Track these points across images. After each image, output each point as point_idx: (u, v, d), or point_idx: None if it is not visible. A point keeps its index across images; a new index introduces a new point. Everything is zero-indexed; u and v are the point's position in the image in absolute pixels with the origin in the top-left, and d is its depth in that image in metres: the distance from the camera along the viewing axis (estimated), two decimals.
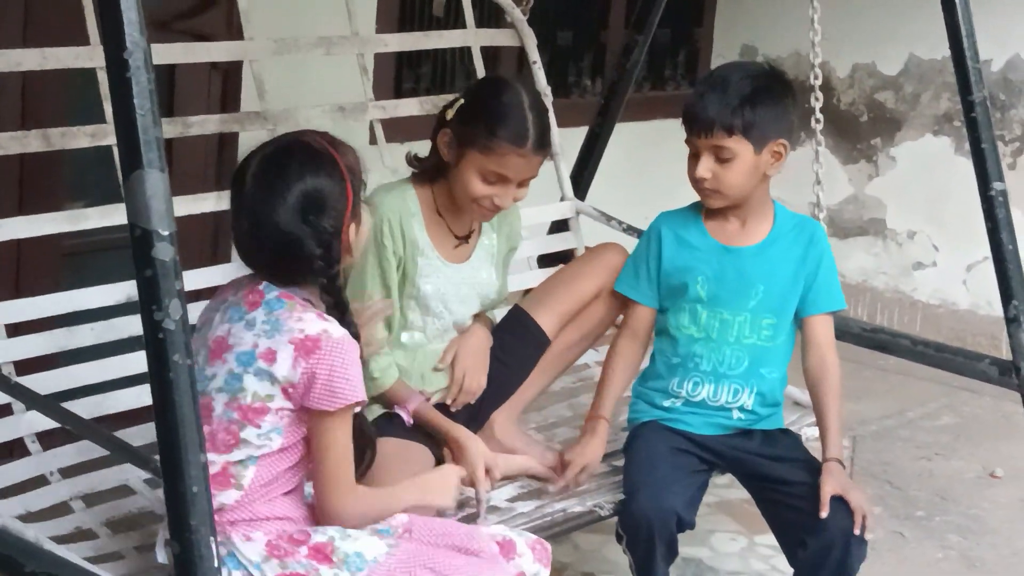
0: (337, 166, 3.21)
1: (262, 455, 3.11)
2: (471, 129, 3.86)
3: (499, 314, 4.30)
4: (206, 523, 2.70)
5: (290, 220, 3.13)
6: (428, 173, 4.01)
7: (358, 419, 3.22)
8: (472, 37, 5.05)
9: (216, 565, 2.71)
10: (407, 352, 3.99)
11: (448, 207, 3.99)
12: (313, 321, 3.10)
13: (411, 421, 3.89)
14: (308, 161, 3.19)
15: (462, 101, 3.95)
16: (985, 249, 4.58)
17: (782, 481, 3.93)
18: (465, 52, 5.13)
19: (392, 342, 3.95)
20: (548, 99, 5.03)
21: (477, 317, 4.15)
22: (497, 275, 4.16)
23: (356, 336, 3.19)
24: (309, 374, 3.06)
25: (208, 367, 3.17)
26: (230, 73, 5.21)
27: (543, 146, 3.92)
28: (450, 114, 3.93)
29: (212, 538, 2.71)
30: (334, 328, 3.11)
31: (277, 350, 3.08)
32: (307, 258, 3.14)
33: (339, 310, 3.19)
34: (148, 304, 2.69)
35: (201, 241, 3.17)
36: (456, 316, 4.06)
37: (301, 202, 3.13)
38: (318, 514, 3.21)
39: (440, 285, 3.98)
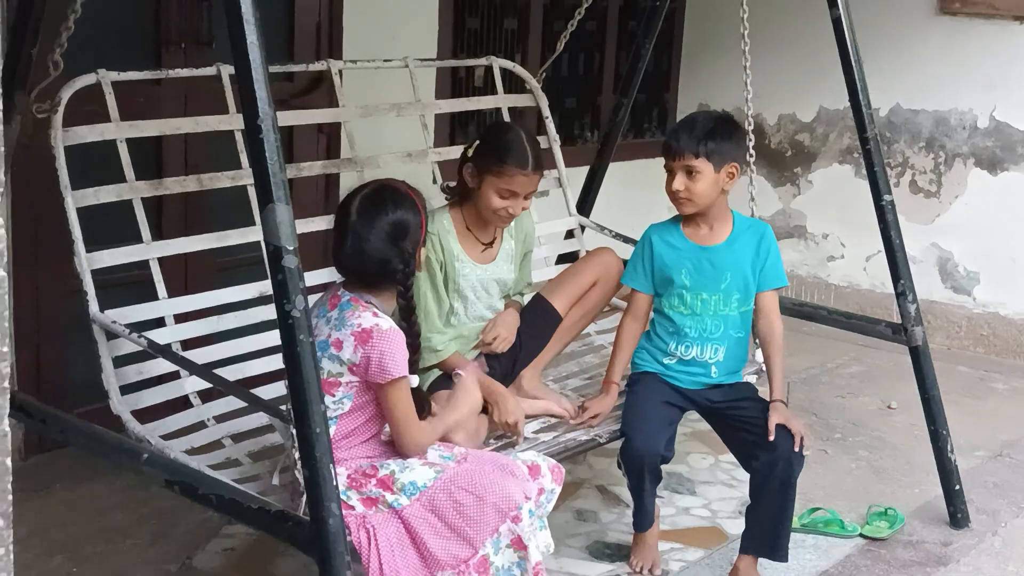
0: (415, 204, 3.28)
1: (339, 415, 3.16)
2: (487, 160, 3.92)
3: (526, 298, 4.34)
4: (327, 454, 2.73)
5: (383, 243, 3.19)
6: (458, 199, 4.04)
7: (417, 393, 3.26)
8: (502, 101, 5.07)
9: (335, 484, 2.74)
10: (454, 330, 4.03)
11: (475, 222, 4.02)
12: (368, 318, 3.15)
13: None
14: (397, 200, 3.25)
15: (478, 142, 3.99)
16: (879, 244, 4.57)
17: (742, 417, 3.95)
18: (498, 111, 5.14)
19: (444, 324, 3.99)
20: (557, 144, 5.08)
21: (510, 302, 4.19)
22: (515, 270, 4.18)
23: (411, 331, 3.25)
24: (366, 357, 3.11)
25: None
26: (332, 135, 5.24)
27: (539, 167, 3.96)
28: (470, 152, 3.98)
29: (331, 465, 2.74)
30: (383, 321, 3.15)
31: (343, 340, 3.13)
32: (392, 271, 3.20)
33: (409, 309, 3.26)
34: (280, 299, 2.72)
35: (314, 251, 3.23)
36: (486, 302, 4.10)
37: (391, 230, 3.20)
38: (398, 450, 3.25)
39: (473, 281, 4.03)
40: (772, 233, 4.09)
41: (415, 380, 3.24)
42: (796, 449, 3.78)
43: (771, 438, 3.78)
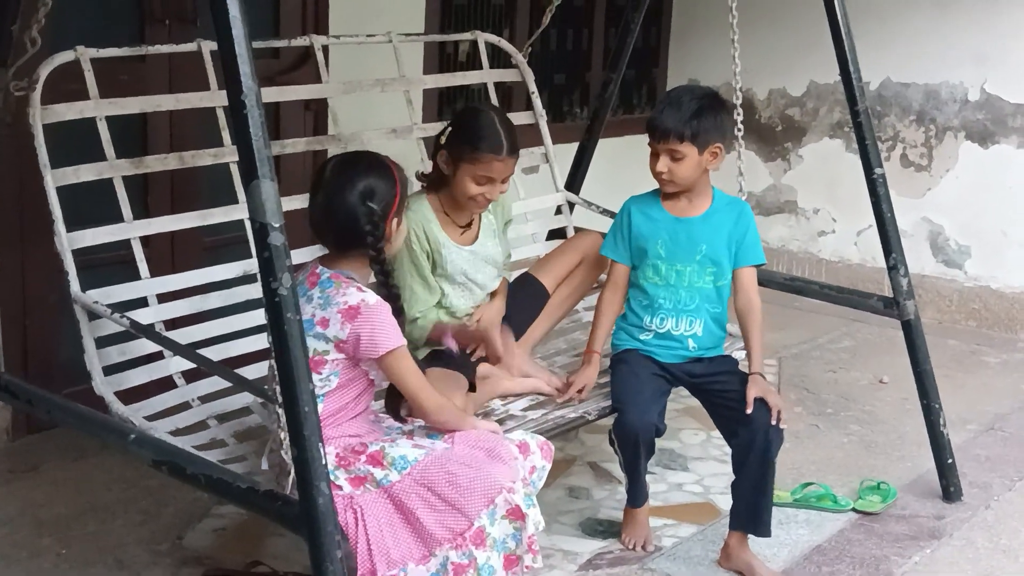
0: (391, 172, 3.26)
1: (327, 392, 3.13)
2: (460, 147, 3.86)
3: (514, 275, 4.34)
4: (315, 433, 2.70)
5: (353, 200, 3.17)
6: (433, 184, 4.00)
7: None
8: (487, 76, 5.04)
9: (324, 462, 2.72)
10: (448, 312, 4.01)
11: (451, 206, 3.98)
12: (354, 294, 3.13)
13: (456, 348, 3.86)
14: (372, 165, 3.25)
15: (450, 128, 3.93)
16: (870, 219, 4.55)
17: (722, 391, 3.94)
18: (484, 87, 5.12)
19: (437, 307, 3.97)
20: (543, 119, 5.05)
21: (497, 288, 4.16)
22: (501, 244, 4.15)
23: (392, 297, 3.21)
24: (355, 334, 3.09)
25: None
26: (319, 112, 5.21)
27: (514, 151, 3.90)
28: (443, 139, 3.92)
29: (320, 444, 2.71)
30: (369, 297, 3.13)
31: (329, 318, 3.11)
32: (361, 232, 3.17)
33: (384, 273, 3.23)
34: (267, 277, 2.68)
35: (302, 228, 3.22)
36: (476, 282, 4.06)
37: (362, 189, 3.19)
38: (429, 422, 3.27)
39: (459, 264, 3.99)
40: (750, 211, 4.09)
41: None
42: (773, 423, 3.77)
43: (749, 411, 3.77)
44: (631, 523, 4.06)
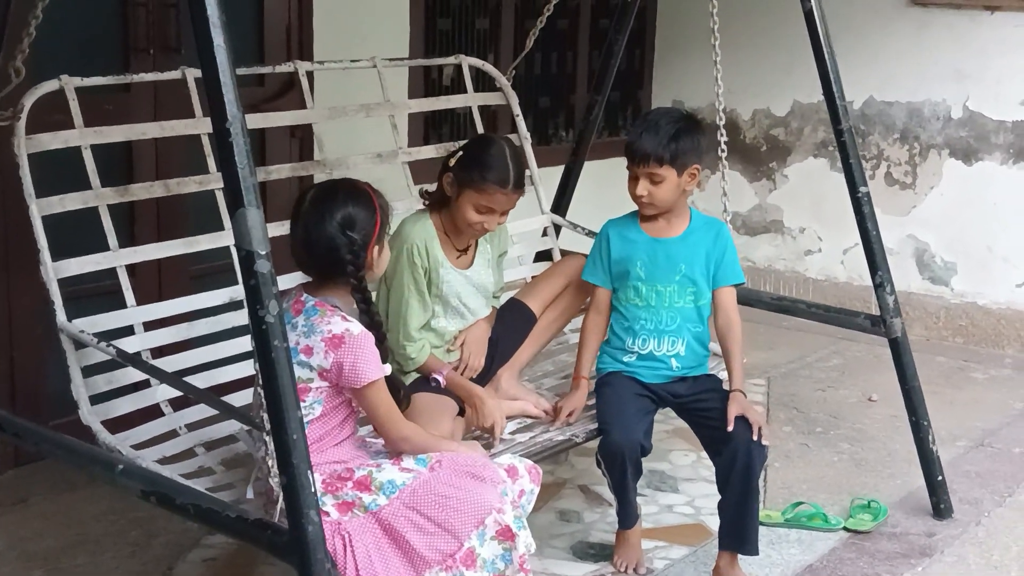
0: (371, 201, 3.25)
1: (310, 420, 3.12)
2: (468, 174, 3.88)
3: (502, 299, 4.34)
4: (304, 460, 2.69)
5: (332, 231, 3.16)
6: (436, 204, 4.01)
7: (392, 380, 3.24)
8: (472, 99, 5.05)
9: (313, 490, 2.71)
10: (437, 335, 4.02)
11: (450, 229, 4.00)
12: (338, 323, 3.13)
13: (444, 384, 3.90)
14: (350, 194, 3.24)
15: (461, 153, 3.95)
16: (855, 237, 4.55)
17: (704, 409, 3.95)
18: (469, 110, 5.12)
19: (426, 328, 3.97)
20: (528, 142, 5.04)
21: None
22: (493, 273, 4.17)
23: (374, 325, 3.21)
24: (338, 363, 3.09)
25: None
26: (304, 138, 5.20)
27: (520, 186, 3.94)
28: (452, 162, 3.94)
29: (309, 471, 2.70)
30: (353, 327, 3.13)
31: (313, 346, 3.10)
32: (341, 261, 3.17)
33: (365, 302, 3.23)
34: (253, 304, 2.67)
35: (288, 255, 3.23)
36: (468, 307, 4.08)
37: (341, 219, 3.17)
38: (388, 447, 3.26)
39: (454, 286, 4.00)
40: (728, 231, 4.11)
41: (388, 368, 3.21)
42: (754, 439, 3.76)
43: (730, 428, 3.77)
44: (623, 545, 4.05)
